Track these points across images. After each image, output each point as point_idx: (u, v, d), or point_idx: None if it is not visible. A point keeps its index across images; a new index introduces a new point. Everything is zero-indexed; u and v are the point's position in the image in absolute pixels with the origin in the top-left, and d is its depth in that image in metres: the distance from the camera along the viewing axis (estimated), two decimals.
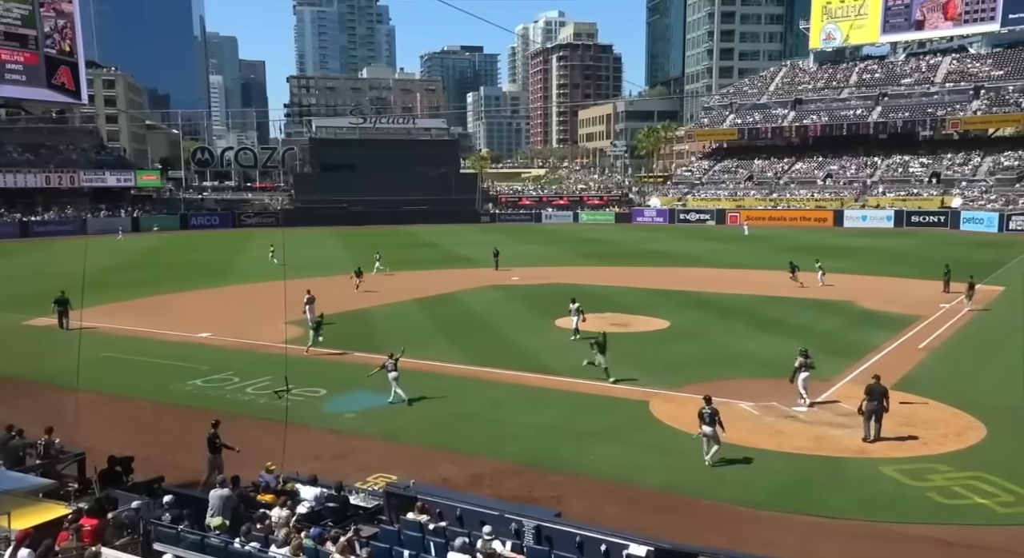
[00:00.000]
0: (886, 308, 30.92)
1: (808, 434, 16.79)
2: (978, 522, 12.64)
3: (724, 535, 12.11)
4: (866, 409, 16.43)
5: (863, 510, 13.19)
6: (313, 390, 20.36)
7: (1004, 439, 16.11)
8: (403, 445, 16.47)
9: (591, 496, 13.96)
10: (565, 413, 18.57)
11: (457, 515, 12.09)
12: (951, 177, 77.93)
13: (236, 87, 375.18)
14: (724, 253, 54.98)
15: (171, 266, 49.98)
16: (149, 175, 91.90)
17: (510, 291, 37.86)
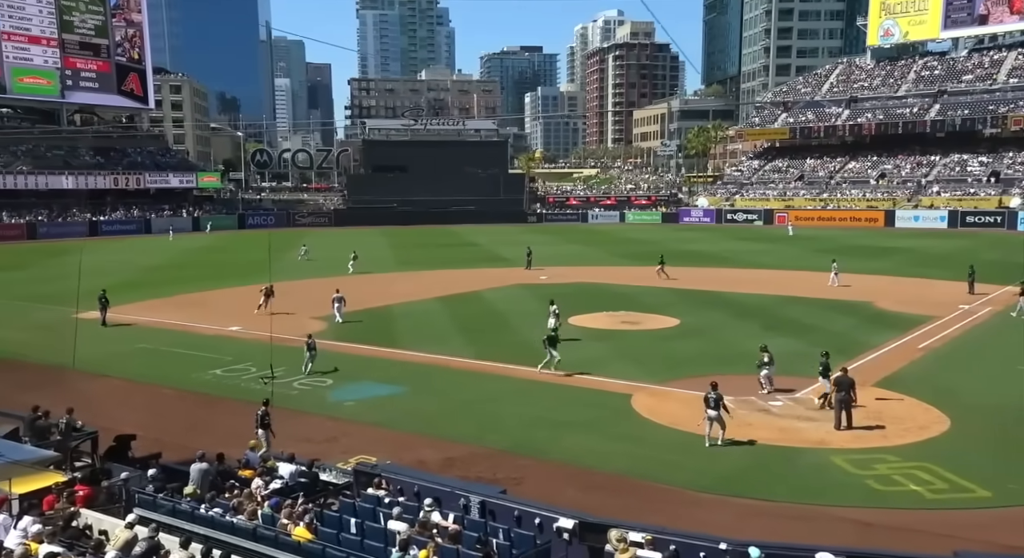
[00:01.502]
0: (904, 309, 30.86)
1: (774, 426, 17.46)
2: (904, 506, 13.30)
3: (663, 515, 12.95)
4: (835, 400, 17.30)
5: (802, 495, 13.94)
6: (321, 380, 21.89)
7: (963, 434, 16.50)
8: (391, 431, 17.79)
9: (552, 479, 15.01)
10: (551, 405, 19.61)
11: (415, 491, 13.32)
12: (1012, 176, 75.42)
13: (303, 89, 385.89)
14: (763, 254, 54.83)
15: (213, 265, 52.71)
16: (209, 177, 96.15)
17: (534, 290, 38.89)
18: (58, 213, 77.87)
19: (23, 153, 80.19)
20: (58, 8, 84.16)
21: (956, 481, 14.12)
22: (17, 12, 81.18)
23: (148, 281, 43.02)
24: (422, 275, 45.71)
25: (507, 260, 52.00)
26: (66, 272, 48.75)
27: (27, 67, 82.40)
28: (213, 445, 14.81)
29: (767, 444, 16.49)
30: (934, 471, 14.56)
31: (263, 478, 13.09)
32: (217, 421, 18.34)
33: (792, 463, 15.50)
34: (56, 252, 59.91)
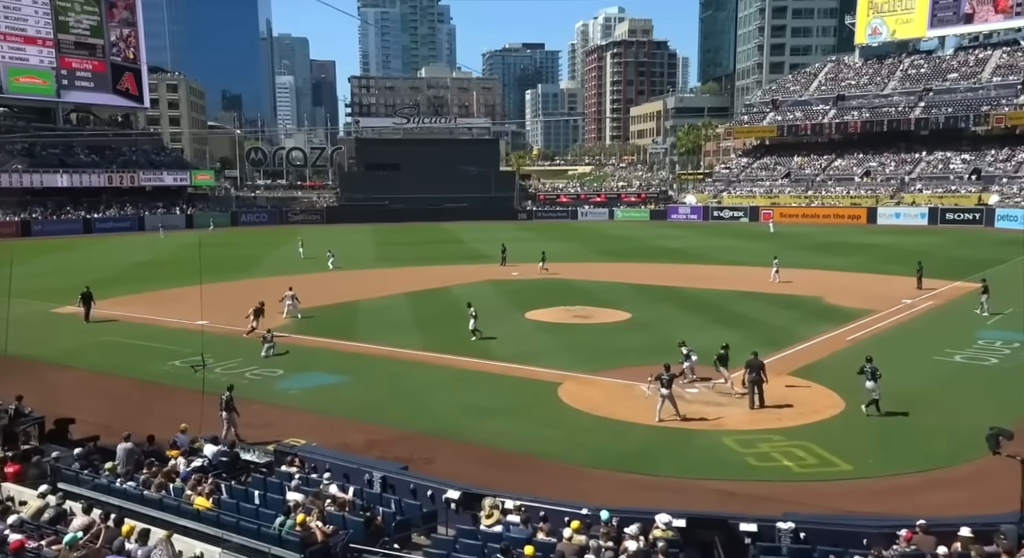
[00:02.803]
0: (850, 303, 31.95)
1: (682, 410, 18.61)
2: (771, 478, 14.56)
3: (553, 488, 14.19)
4: (748, 381, 18.75)
5: (685, 470, 15.21)
6: (272, 370, 23.17)
7: (850, 418, 17.76)
8: (325, 417, 19.04)
9: (462, 458, 16.23)
10: (482, 393, 20.86)
11: (326, 468, 14.61)
12: (992, 174, 76.27)
13: (307, 87, 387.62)
14: (737, 251, 55.84)
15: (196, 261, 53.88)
16: (203, 175, 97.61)
17: (503, 286, 40.14)
18: (52, 211, 79.35)
19: (19, 152, 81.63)
20: (53, 9, 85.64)
21: (825, 457, 15.37)
22: (13, 13, 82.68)
23: (129, 277, 44.34)
24: (398, 271, 46.96)
25: (486, 257, 53.15)
26: (50, 269, 50.46)
27: (23, 67, 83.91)
28: (157, 429, 16.13)
29: (670, 426, 17.71)
30: (810, 449, 15.79)
31: (186, 457, 14.35)
32: (166, 408, 19.55)
33: (687, 443, 16.72)
34: (47, 249, 61.45)
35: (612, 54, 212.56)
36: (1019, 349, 23.77)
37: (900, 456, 15.47)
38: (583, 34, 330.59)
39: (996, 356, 23.04)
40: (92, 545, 9.60)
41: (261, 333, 25.62)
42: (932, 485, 13.85)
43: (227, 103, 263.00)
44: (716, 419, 18.05)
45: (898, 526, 11.04)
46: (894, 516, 11.56)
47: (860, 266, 44.62)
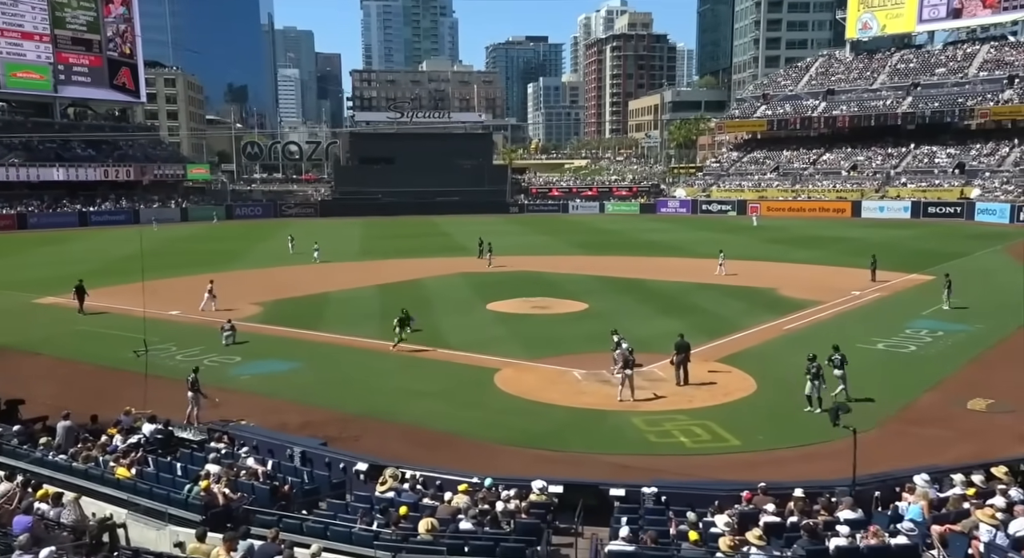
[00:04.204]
0: (800, 295, 33.05)
1: (603, 394, 19.88)
2: (664, 453, 15.83)
3: (464, 463, 15.31)
4: (675, 361, 20.13)
5: (590, 446, 16.46)
6: (230, 358, 24.45)
7: (756, 400, 19.02)
8: (270, 399, 20.31)
9: (387, 437, 17.48)
10: (422, 378, 22.10)
11: (253, 445, 15.91)
12: (976, 168, 76.97)
13: (312, 79, 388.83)
14: (713, 243, 56.21)
15: (187, 253, 55.41)
16: (199, 169, 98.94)
17: (473, 278, 41.34)
18: (49, 204, 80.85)
19: (16, 146, 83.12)
20: (50, 5, 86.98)
21: (719, 434, 16.61)
22: (10, 9, 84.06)
23: (115, 270, 45.58)
24: (378, 264, 48.21)
25: (467, 250, 54.24)
26: (41, 261, 51.90)
27: (20, 62, 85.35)
28: (110, 411, 17.42)
29: (588, 407, 18.95)
30: (709, 427, 17.01)
31: (124, 434, 15.65)
32: (123, 393, 20.67)
33: (599, 422, 17.94)
34: (41, 242, 62.95)
35: (612, 47, 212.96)
36: (941, 338, 24.90)
37: (788, 433, 16.66)
38: (585, 27, 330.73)
39: (916, 344, 24.18)
40: (7, 507, 10.85)
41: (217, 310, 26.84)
42: (807, 457, 15.02)
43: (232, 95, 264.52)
44: (637, 401, 19.22)
45: (743, 489, 12.26)
46: (743, 481, 12.74)
47: (826, 259, 45.62)
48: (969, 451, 14.54)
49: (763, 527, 11.01)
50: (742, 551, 9.89)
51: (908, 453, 15.03)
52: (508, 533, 11.04)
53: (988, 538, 9.94)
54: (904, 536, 10.13)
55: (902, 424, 17.26)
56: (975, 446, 15.04)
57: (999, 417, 17.30)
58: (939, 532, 10.66)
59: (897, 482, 12.32)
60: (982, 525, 10.10)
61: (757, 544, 10.03)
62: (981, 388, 19.16)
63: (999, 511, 10.40)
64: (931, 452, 14.90)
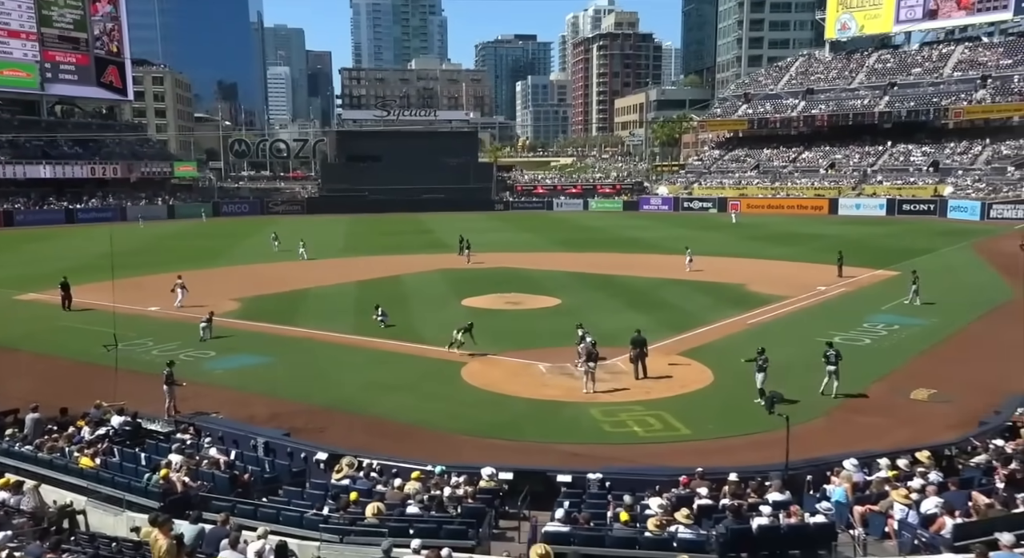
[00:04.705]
0: (768, 290, 33.59)
1: (565, 386, 20.32)
2: (617, 442, 16.26)
3: (424, 452, 15.67)
4: (632, 356, 20.46)
5: (546, 435, 16.91)
6: (205, 352, 24.73)
7: (711, 391, 19.56)
8: (240, 392, 20.63)
9: (351, 428, 17.85)
10: (391, 371, 22.46)
11: (219, 436, 16.28)
12: (950, 166, 77.87)
13: (302, 77, 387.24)
14: (690, 240, 56.74)
15: (173, 250, 55.50)
16: (186, 166, 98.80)
17: (452, 274, 41.69)
18: (35, 201, 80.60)
19: (3, 143, 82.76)
20: (37, 3, 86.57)
21: (672, 424, 17.09)
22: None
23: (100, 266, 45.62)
24: (360, 260, 48.49)
25: (450, 247, 54.49)
26: (26, 258, 51.86)
27: (7, 60, 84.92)
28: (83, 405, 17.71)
29: (549, 399, 19.38)
30: (662, 417, 17.49)
31: (92, 426, 15.97)
32: (97, 386, 20.98)
33: (557, 413, 18.38)
34: (27, 239, 62.82)
35: (599, 46, 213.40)
36: (896, 331, 25.48)
37: (737, 422, 17.14)
38: (573, 26, 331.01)
39: (871, 337, 24.75)
40: None
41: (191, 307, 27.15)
42: (754, 445, 15.49)
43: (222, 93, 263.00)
44: (598, 392, 19.67)
45: (682, 474, 12.72)
46: (685, 467, 13.19)
47: (799, 255, 46.18)
48: (904, 437, 15.04)
49: (696, 509, 11.49)
50: (669, 530, 10.34)
51: (849, 440, 15.55)
52: (453, 517, 11.45)
53: (901, 516, 10.45)
54: (822, 515, 10.61)
55: (847, 413, 17.79)
56: (911, 433, 15.55)
57: (938, 406, 17.85)
58: (860, 512, 11.17)
59: (828, 466, 12.82)
60: (896, 505, 10.61)
61: (684, 523, 10.49)
62: (927, 379, 19.71)
63: (914, 492, 10.90)
64: (870, 439, 15.41)
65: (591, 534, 10.53)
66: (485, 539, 11.17)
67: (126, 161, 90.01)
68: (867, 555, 9.86)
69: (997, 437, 13.70)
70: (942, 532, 9.60)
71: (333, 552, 10.21)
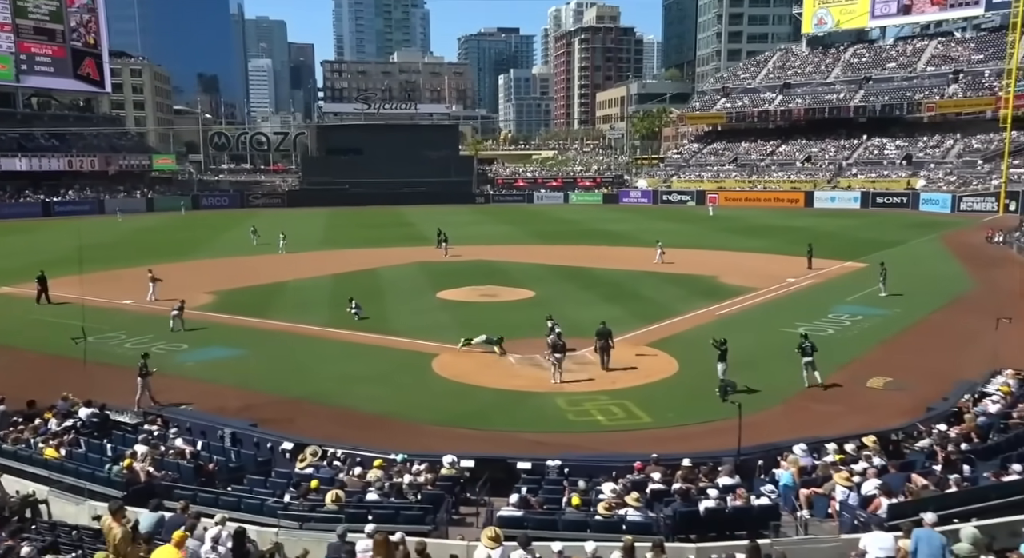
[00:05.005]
0: (739, 282, 34.03)
1: (533, 377, 20.59)
2: (581, 430, 16.55)
3: (394, 442, 15.75)
4: (597, 348, 20.76)
5: (512, 425, 17.21)
6: (178, 345, 24.75)
7: (676, 381, 19.92)
8: (211, 384, 20.71)
9: (320, 419, 18.01)
10: (363, 363, 22.62)
11: (186, 427, 16.38)
12: (922, 159, 78.85)
13: (285, 69, 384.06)
14: (667, 233, 57.21)
15: (151, 243, 55.23)
16: (165, 159, 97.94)
17: (429, 267, 41.81)
18: (11, 194, 79.64)
19: None
20: None
21: (634, 412, 17.42)
22: None
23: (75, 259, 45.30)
24: (339, 253, 48.45)
25: (429, 240, 54.53)
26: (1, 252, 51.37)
27: None
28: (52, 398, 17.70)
29: (517, 390, 19.64)
30: (625, 406, 17.81)
31: (59, 418, 16.02)
32: (66, 379, 20.95)
33: (524, 403, 18.65)
34: (3, 232, 62.12)
35: (580, 40, 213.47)
36: (859, 321, 25.99)
37: (698, 411, 17.49)
38: (556, 19, 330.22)
39: (835, 327, 25.22)
40: None
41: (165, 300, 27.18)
42: (710, 433, 15.82)
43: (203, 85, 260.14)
44: (565, 382, 19.96)
45: (637, 460, 13.02)
46: (641, 453, 13.49)
47: (772, 248, 46.71)
48: (857, 424, 15.41)
49: (649, 493, 11.80)
50: (619, 514, 10.63)
51: (804, 426, 15.92)
52: (412, 503, 11.67)
53: (842, 498, 10.80)
54: (766, 498, 10.94)
55: (805, 400, 18.21)
56: (864, 420, 15.94)
57: (892, 394, 18.31)
58: (806, 495, 11.52)
59: (779, 452, 13.17)
60: (838, 487, 10.96)
61: (634, 506, 10.78)
62: (884, 368, 20.18)
63: (856, 475, 11.26)
64: (824, 426, 15.79)
65: (543, 518, 10.79)
66: (443, 524, 11.40)
67: (104, 154, 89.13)
68: (807, 534, 10.19)
69: (942, 422, 14.11)
70: (878, 512, 9.95)
71: (291, 538, 10.40)
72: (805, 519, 10.72)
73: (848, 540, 9.40)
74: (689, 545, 9.95)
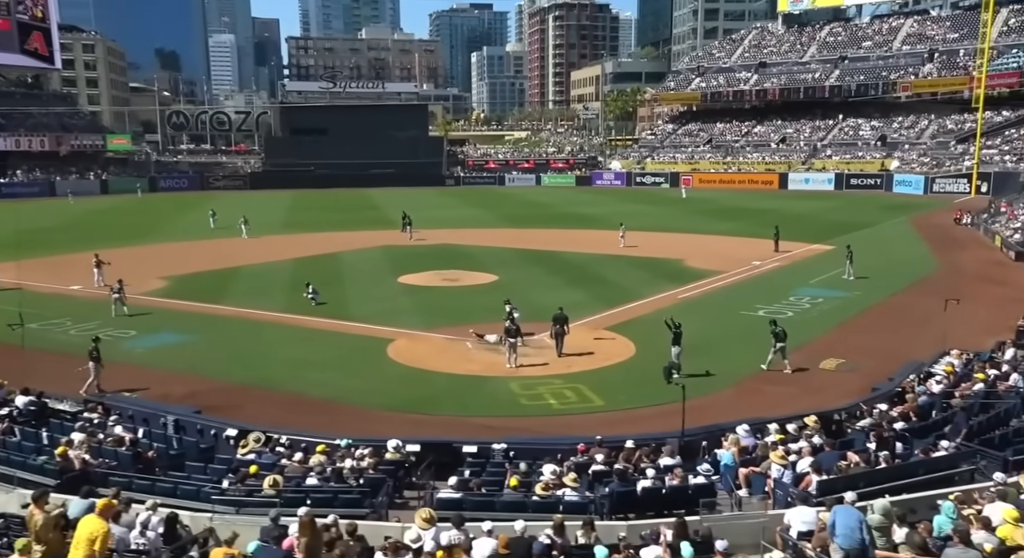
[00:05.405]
0: (704, 265, 34.55)
1: (489, 361, 20.87)
2: (531, 414, 16.97)
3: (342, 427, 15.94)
4: (553, 333, 21.06)
5: (464, 410, 17.50)
6: (125, 332, 24.64)
7: (631, 364, 20.33)
8: (158, 371, 20.72)
9: (269, 405, 18.16)
10: (317, 348, 22.74)
11: (129, 414, 16.43)
12: (897, 140, 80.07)
13: (248, 45, 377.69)
14: (640, 216, 57.98)
15: (104, 227, 54.53)
16: (120, 139, 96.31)
17: (392, 251, 41.87)
18: None
19: None
20: None
21: (587, 396, 17.81)
22: None
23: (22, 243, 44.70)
24: (301, 237, 48.30)
25: (395, 223, 54.41)
26: None
27: None
28: None
29: (471, 374, 19.93)
30: (579, 390, 18.17)
31: None
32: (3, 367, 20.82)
33: (477, 388, 18.94)
34: None
35: (555, 16, 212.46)
36: (819, 304, 26.61)
37: (650, 393, 17.87)
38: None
39: (795, 310, 25.80)
40: None
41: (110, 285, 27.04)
42: (660, 415, 16.19)
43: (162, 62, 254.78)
44: (521, 367, 20.26)
45: (581, 442, 13.37)
46: (585, 436, 13.84)
47: (742, 230, 47.30)
48: (807, 405, 15.88)
49: (591, 474, 12.15)
50: (556, 494, 10.95)
51: (755, 408, 16.34)
52: (351, 488, 11.90)
53: (777, 476, 11.23)
54: (702, 477, 11.33)
55: (758, 383, 18.71)
56: (813, 400, 16.44)
57: (843, 375, 18.87)
58: (744, 474, 11.94)
59: (723, 432, 13.58)
60: (773, 465, 11.38)
61: (571, 486, 11.12)
62: (839, 350, 20.76)
63: (793, 454, 11.69)
64: (775, 407, 16.24)
65: (482, 499, 11.09)
66: (382, 508, 11.65)
67: (54, 133, 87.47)
68: (741, 511, 10.60)
69: (884, 402, 14.63)
70: (809, 489, 10.37)
71: (226, 523, 10.58)
72: (739, 497, 11.13)
73: (774, 516, 9.81)
74: (620, 523, 10.31)
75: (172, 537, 9.84)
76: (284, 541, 8.95)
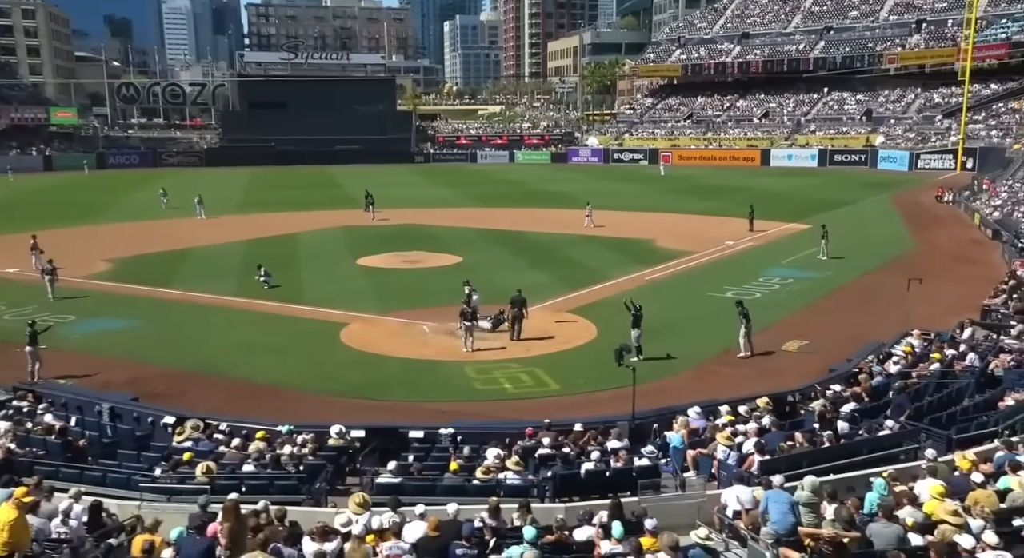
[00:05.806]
0: (676, 246, 35.00)
1: (444, 345, 21.14)
2: (485, 398, 17.31)
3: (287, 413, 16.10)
4: (510, 316, 21.30)
5: (416, 394, 17.80)
6: (64, 316, 24.55)
7: (591, 347, 20.65)
8: (96, 356, 20.73)
9: (212, 391, 18.29)
10: (266, 333, 22.85)
11: (62, 402, 16.50)
12: (883, 115, 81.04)
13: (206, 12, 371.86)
14: (615, 194, 58.48)
15: (46, 206, 53.90)
16: (65, 112, 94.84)
17: (353, 232, 41.87)
18: None
19: None
20: None
21: (543, 380, 18.17)
22: None
23: None
24: (257, 217, 48.11)
25: (357, 202, 54.26)
26: None
27: None
28: None
29: (425, 359, 20.17)
30: (535, 374, 18.50)
31: None
32: None
33: (432, 372, 19.20)
34: None
35: None
36: (789, 285, 27.16)
37: (608, 377, 18.15)
38: None
39: (763, 291, 26.32)
40: None
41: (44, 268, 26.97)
42: (616, 398, 16.54)
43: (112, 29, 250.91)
44: (477, 351, 20.53)
45: (529, 426, 13.70)
46: (534, 420, 14.16)
47: (719, 209, 47.79)
48: (764, 386, 16.30)
49: (537, 458, 12.48)
50: (497, 477, 11.26)
51: (712, 390, 16.76)
52: (288, 474, 12.12)
53: (723, 457, 11.62)
54: (646, 459, 11.70)
55: (717, 365, 19.16)
56: (772, 382, 16.89)
57: (804, 357, 19.37)
58: (692, 456, 12.33)
59: (674, 415, 13.96)
60: (719, 447, 11.77)
61: (514, 469, 11.43)
62: (803, 331, 21.27)
63: (740, 435, 12.09)
64: (733, 389, 16.66)
65: (421, 484, 11.37)
66: (319, 494, 11.89)
67: None
68: (685, 492, 10.98)
69: (839, 383, 15.10)
70: (751, 469, 10.77)
71: (154, 511, 10.75)
72: (683, 478, 11.51)
73: (712, 495, 10.20)
74: (558, 505, 10.65)
75: (97, 525, 10.02)
76: (208, 527, 9.15)
